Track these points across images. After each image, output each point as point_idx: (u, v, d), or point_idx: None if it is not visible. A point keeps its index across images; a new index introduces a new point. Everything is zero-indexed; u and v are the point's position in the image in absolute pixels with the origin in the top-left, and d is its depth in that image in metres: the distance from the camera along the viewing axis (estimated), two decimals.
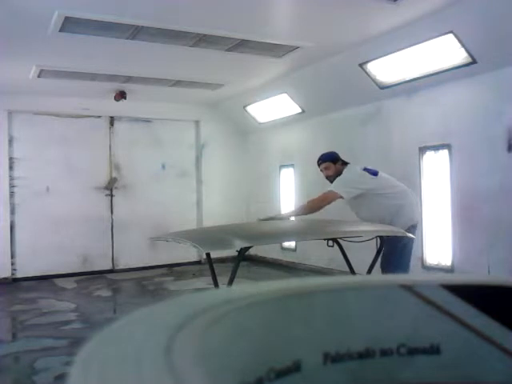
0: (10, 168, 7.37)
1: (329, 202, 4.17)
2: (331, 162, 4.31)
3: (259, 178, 8.74)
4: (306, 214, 4.24)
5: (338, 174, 4.25)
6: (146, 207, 8.18)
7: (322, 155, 4.42)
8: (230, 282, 3.13)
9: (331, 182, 4.28)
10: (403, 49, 5.15)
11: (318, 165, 4.41)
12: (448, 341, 0.90)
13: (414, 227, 4.19)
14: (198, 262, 8.34)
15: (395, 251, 4.03)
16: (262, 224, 4.08)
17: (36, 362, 3.79)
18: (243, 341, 0.74)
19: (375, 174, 4.21)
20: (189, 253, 7.95)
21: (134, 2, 4.24)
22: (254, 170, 8.89)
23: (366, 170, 4.25)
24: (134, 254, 8.06)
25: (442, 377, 0.91)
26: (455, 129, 5.17)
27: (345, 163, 4.34)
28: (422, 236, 5.38)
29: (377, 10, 4.43)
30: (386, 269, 4.06)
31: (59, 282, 7.17)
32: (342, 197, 4.13)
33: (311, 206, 4.22)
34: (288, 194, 8.00)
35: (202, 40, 5.09)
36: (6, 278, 7.21)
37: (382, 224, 3.99)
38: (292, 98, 7.23)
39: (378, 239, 3.93)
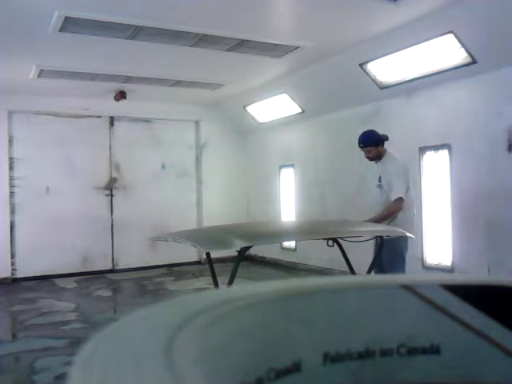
0: (10, 168, 7.36)
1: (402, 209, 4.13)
2: (374, 147, 4.24)
3: (259, 178, 8.74)
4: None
5: (379, 154, 4.26)
6: (146, 207, 8.17)
7: (364, 138, 4.27)
8: (230, 282, 3.13)
9: (370, 159, 4.31)
10: (403, 49, 5.15)
11: (360, 147, 4.30)
12: (448, 341, 0.90)
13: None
14: (198, 262, 8.34)
15: (397, 254, 4.03)
16: (263, 224, 4.10)
17: (36, 362, 3.79)
18: (243, 341, 0.74)
19: None
20: (189, 253, 7.95)
21: (133, 2, 4.24)
22: (254, 170, 8.89)
23: None
24: (134, 254, 8.06)
25: (442, 377, 0.91)
26: (455, 129, 5.17)
27: (383, 143, 4.30)
28: (422, 236, 5.39)
29: (377, 10, 4.43)
30: (388, 271, 4.03)
31: (59, 281, 7.17)
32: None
33: (390, 214, 4.13)
34: (288, 193, 8.01)
35: (201, 40, 5.09)
36: (6, 278, 7.21)
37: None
38: (292, 97, 7.22)
39: (378, 239, 3.93)
